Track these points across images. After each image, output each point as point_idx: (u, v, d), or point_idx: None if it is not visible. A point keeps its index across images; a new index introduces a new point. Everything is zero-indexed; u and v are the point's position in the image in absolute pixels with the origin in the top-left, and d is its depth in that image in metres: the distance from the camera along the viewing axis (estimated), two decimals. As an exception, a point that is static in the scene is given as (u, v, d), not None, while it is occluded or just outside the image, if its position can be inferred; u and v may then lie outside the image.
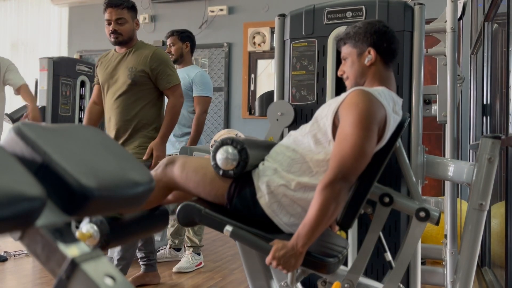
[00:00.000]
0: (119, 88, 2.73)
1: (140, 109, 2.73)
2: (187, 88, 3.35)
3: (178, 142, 3.37)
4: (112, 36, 2.75)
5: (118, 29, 2.73)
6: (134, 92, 2.72)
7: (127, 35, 2.77)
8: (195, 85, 3.38)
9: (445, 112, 2.41)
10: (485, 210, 1.67)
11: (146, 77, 2.73)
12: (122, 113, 2.73)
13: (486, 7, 3.29)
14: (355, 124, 1.47)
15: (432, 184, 4.71)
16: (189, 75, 3.40)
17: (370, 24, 1.69)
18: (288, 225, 1.57)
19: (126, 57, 2.77)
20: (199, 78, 3.40)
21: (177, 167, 1.63)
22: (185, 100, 3.39)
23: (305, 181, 1.54)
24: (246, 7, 5.68)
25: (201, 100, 3.34)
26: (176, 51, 3.46)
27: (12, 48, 6.70)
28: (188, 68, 3.48)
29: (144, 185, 0.78)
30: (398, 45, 1.72)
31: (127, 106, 2.73)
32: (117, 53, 2.82)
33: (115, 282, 0.63)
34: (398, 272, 1.70)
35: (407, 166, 1.84)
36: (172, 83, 2.79)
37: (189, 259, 3.27)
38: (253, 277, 1.75)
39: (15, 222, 0.58)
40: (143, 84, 2.73)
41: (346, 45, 1.73)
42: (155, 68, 2.73)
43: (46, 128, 0.77)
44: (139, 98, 2.74)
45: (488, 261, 3.20)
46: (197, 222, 1.58)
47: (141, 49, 2.79)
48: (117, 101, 2.74)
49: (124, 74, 2.73)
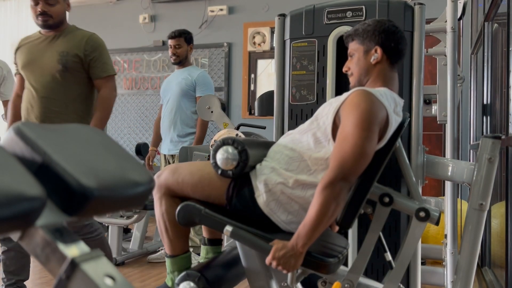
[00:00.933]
0: (47, 74, 2.36)
1: (71, 101, 2.37)
2: (189, 88, 3.40)
3: (181, 142, 3.38)
4: (39, 18, 2.37)
5: (48, 10, 2.37)
6: (64, 80, 2.36)
7: (58, 17, 2.40)
8: (198, 86, 3.41)
9: (445, 112, 2.41)
10: (485, 210, 1.67)
11: (79, 63, 2.37)
12: (49, 103, 2.36)
13: (486, 7, 3.29)
14: (356, 124, 1.47)
15: (432, 184, 4.71)
16: (191, 76, 3.43)
17: (380, 23, 1.68)
18: (286, 223, 1.57)
19: (56, 40, 2.40)
20: (202, 79, 3.43)
21: (168, 174, 1.63)
22: (187, 100, 3.42)
23: (303, 179, 1.54)
24: (246, 7, 5.68)
25: None
26: (182, 53, 3.47)
27: (12, 48, 6.70)
28: (189, 69, 3.52)
29: (144, 185, 0.78)
30: (405, 46, 1.71)
31: (55, 96, 2.36)
32: (44, 36, 2.44)
33: (115, 282, 0.63)
34: (398, 272, 1.70)
35: (407, 166, 1.84)
36: (107, 72, 2.42)
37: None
38: (253, 277, 1.75)
39: (15, 222, 0.58)
40: (75, 71, 2.37)
41: (353, 42, 1.72)
42: (89, 53, 2.38)
43: (46, 128, 0.77)
44: (70, 88, 2.37)
45: (488, 261, 3.20)
46: (197, 222, 1.58)
47: (74, 32, 2.44)
48: (42, 90, 2.37)
49: (53, 58, 2.36)
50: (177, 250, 1.63)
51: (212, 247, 1.72)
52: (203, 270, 1.52)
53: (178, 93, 3.43)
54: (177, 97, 3.44)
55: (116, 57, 6.25)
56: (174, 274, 1.62)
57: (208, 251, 1.73)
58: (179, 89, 3.43)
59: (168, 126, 3.49)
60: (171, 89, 3.50)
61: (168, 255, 1.64)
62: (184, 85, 3.43)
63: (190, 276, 1.49)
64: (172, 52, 3.49)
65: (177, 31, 3.50)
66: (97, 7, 6.39)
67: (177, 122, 3.45)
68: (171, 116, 3.47)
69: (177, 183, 1.61)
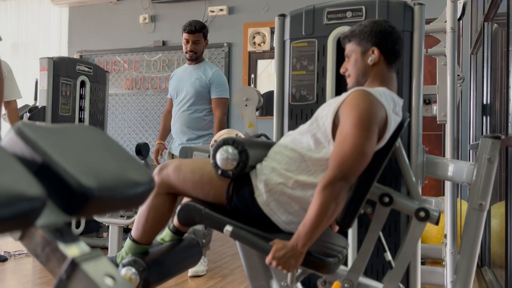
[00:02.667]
0: None
1: None
2: (204, 90, 3.20)
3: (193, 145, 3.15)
4: None
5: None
6: None
7: None
8: (214, 86, 3.21)
9: (445, 112, 2.41)
10: (485, 210, 1.67)
11: None
12: None
13: (486, 7, 3.29)
14: (356, 124, 1.47)
15: (432, 184, 4.71)
16: (205, 75, 3.22)
17: (376, 24, 1.68)
18: (286, 223, 1.57)
19: None
20: (217, 79, 3.22)
21: (171, 170, 1.63)
22: (200, 102, 3.20)
23: (303, 179, 1.54)
24: (246, 7, 5.68)
25: (221, 102, 3.22)
26: (200, 50, 3.24)
27: (13, 48, 6.70)
28: (203, 65, 3.28)
29: (144, 185, 0.78)
30: (402, 47, 1.71)
31: None
32: None
33: (115, 282, 0.63)
34: (398, 272, 1.70)
35: (407, 166, 1.84)
36: None
37: (201, 262, 3.11)
38: (253, 277, 1.75)
39: (15, 222, 0.58)
40: None
41: (350, 43, 1.72)
42: None
43: (46, 128, 0.77)
44: None
45: (488, 261, 3.20)
46: (197, 222, 1.58)
47: None
48: None
49: None
50: (142, 240, 1.63)
51: (173, 235, 1.72)
52: (151, 263, 1.55)
53: (192, 94, 3.22)
54: (191, 98, 3.23)
55: (116, 57, 6.25)
56: (127, 255, 1.63)
57: (168, 236, 1.73)
58: (193, 91, 3.22)
59: (179, 129, 3.29)
60: (185, 88, 3.26)
61: (132, 238, 1.65)
62: (198, 86, 3.22)
63: (136, 263, 1.53)
64: (190, 48, 3.21)
65: (197, 25, 3.19)
66: (97, 7, 6.39)
67: (189, 125, 3.25)
68: (183, 118, 3.27)
69: (178, 180, 1.62)
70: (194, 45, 3.19)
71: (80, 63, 3.99)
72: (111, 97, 6.05)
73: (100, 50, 6.35)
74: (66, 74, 3.80)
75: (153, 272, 1.54)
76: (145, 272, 1.52)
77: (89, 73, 4.03)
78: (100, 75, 4.14)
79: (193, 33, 3.16)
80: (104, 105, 4.18)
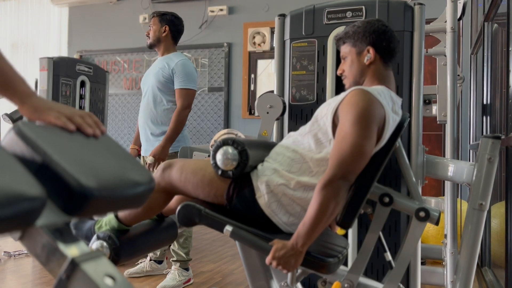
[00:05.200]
0: None
1: None
2: (167, 80, 2.92)
3: (157, 141, 2.89)
4: None
5: None
6: None
7: None
8: (176, 76, 2.89)
9: (445, 112, 2.41)
10: (485, 210, 1.67)
11: None
12: None
13: (486, 7, 3.28)
14: (354, 123, 1.47)
15: (432, 184, 4.71)
16: (169, 64, 2.93)
17: (369, 23, 1.69)
18: (288, 224, 1.57)
19: None
20: (180, 68, 2.89)
21: (175, 170, 1.63)
22: (165, 94, 2.93)
23: (305, 181, 1.54)
24: (246, 7, 5.68)
25: (183, 93, 2.87)
26: (153, 34, 2.99)
27: (12, 48, 6.70)
28: (169, 56, 2.99)
29: (144, 185, 0.78)
30: (397, 44, 1.72)
31: None
32: None
33: (115, 282, 0.63)
34: (398, 272, 1.70)
35: (407, 166, 1.84)
36: None
37: (175, 275, 2.83)
38: (253, 277, 1.75)
39: (15, 222, 0.58)
40: None
41: (345, 44, 1.73)
42: None
43: (46, 128, 0.77)
44: None
45: (488, 261, 3.20)
46: (197, 222, 1.58)
47: None
48: None
49: None
50: (125, 221, 1.65)
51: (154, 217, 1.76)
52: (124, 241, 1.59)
53: (154, 86, 2.95)
54: (153, 90, 2.96)
55: (116, 57, 6.25)
56: (106, 227, 1.64)
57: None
58: (155, 81, 2.94)
59: (144, 123, 3.01)
60: (149, 80, 3.01)
61: (116, 216, 1.65)
62: (161, 76, 2.92)
63: (110, 239, 1.56)
64: (146, 33, 3.05)
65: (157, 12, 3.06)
66: (97, 7, 6.39)
67: (152, 119, 2.96)
68: (146, 112, 2.99)
69: (179, 181, 1.62)
70: (149, 29, 3.03)
71: (80, 63, 3.99)
72: (111, 97, 6.05)
73: (100, 50, 6.35)
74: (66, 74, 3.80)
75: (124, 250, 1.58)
76: (117, 250, 1.55)
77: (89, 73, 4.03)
78: (100, 75, 4.14)
79: (151, 18, 3.06)
80: (104, 105, 4.18)
